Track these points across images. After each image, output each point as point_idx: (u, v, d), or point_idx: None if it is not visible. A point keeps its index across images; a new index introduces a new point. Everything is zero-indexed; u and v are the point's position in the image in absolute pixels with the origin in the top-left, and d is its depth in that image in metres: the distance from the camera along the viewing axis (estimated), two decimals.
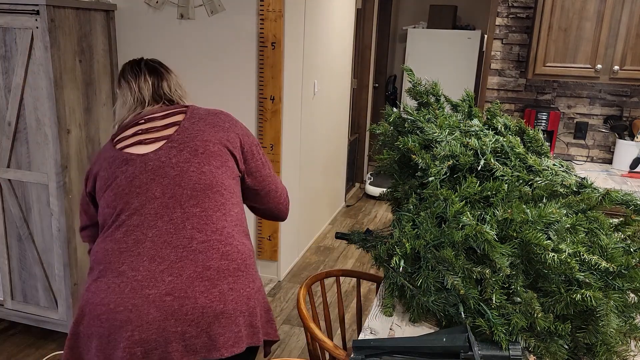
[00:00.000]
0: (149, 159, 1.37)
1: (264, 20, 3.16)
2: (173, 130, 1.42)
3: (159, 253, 1.28)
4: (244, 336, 1.32)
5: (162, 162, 1.37)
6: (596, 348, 1.23)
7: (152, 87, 1.53)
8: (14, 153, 2.57)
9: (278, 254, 3.58)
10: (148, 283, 1.25)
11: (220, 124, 1.48)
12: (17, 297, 2.77)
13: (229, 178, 1.42)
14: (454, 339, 1.19)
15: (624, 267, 1.23)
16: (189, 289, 1.26)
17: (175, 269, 1.27)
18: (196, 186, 1.35)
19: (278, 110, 3.30)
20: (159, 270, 1.27)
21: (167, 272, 1.27)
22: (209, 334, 1.27)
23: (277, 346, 2.88)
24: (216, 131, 1.45)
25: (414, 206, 1.49)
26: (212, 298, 1.27)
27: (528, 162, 1.51)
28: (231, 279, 1.32)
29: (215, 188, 1.37)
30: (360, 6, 5.15)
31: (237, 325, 1.30)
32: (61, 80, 2.45)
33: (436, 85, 1.72)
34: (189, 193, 1.34)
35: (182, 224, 1.31)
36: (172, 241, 1.30)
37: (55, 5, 2.37)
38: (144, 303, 1.24)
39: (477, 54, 5.72)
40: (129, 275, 1.26)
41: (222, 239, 1.34)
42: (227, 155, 1.44)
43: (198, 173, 1.37)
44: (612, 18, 2.88)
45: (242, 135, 1.51)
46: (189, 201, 1.34)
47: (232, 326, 1.29)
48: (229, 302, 1.29)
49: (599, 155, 3.39)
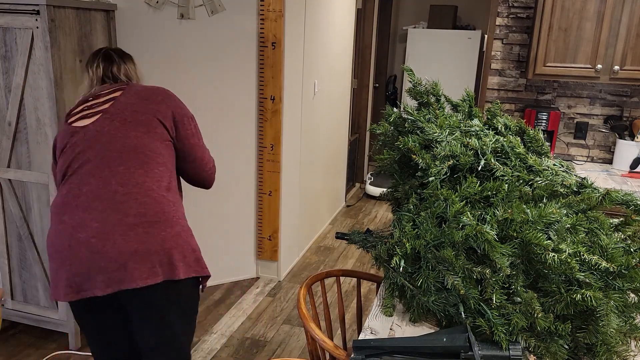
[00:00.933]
0: (87, 130, 1.69)
1: (264, 20, 3.16)
2: (109, 104, 1.73)
3: (90, 205, 1.59)
4: (160, 272, 1.58)
5: (97, 131, 1.68)
6: (596, 348, 1.23)
7: (102, 71, 1.84)
8: (14, 153, 2.57)
9: (278, 254, 3.58)
10: (80, 229, 1.57)
11: (153, 97, 1.76)
12: (17, 297, 2.77)
13: (156, 141, 1.69)
14: (454, 339, 1.19)
15: (624, 267, 1.23)
16: (110, 233, 1.55)
17: (101, 217, 1.57)
18: (122, 149, 1.64)
19: (278, 110, 3.30)
20: (89, 219, 1.57)
21: (95, 220, 1.57)
22: (126, 269, 1.54)
23: (277, 346, 2.89)
24: (147, 104, 1.73)
25: (414, 206, 1.49)
26: (129, 239, 1.55)
27: (528, 162, 1.51)
28: (147, 225, 1.58)
29: (139, 150, 1.65)
30: (360, 6, 5.16)
31: (151, 262, 1.57)
32: (61, 80, 2.45)
33: (436, 85, 1.72)
34: (116, 155, 1.64)
35: (109, 180, 1.61)
36: (101, 194, 1.59)
37: (56, 5, 2.37)
38: (76, 244, 1.56)
39: (477, 54, 5.72)
40: (67, 223, 1.59)
41: (142, 191, 1.62)
42: (156, 123, 1.71)
43: (124, 138, 1.66)
44: (612, 18, 2.88)
45: (174, 107, 1.78)
46: (115, 161, 1.63)
47: (146, 262, 1.56)
48: (143, 243, 1.56)
49: (599, 155, 3.39)
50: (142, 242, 1.56)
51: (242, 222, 3.51)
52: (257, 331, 3.03)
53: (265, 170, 3.43)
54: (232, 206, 3.44)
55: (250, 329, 3.04)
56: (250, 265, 3.64)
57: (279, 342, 2.93)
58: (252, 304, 3.32)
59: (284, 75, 3.25)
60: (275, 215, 3.50)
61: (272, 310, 3.25)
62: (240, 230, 3.53)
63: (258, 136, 3.39)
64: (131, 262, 1.55)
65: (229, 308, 3.26)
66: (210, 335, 2.96)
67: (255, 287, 3.53)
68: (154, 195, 1.63)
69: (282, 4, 3.12)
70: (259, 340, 2.94)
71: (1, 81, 2.49)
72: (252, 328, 3.06)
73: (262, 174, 3.45)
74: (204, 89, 3.17)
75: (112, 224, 1.56)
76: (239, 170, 3.40)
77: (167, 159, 1.73)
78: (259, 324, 3.10)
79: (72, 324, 2.70)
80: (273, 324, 3.10)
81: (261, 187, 3.47)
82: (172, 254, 1.61)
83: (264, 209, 3.50)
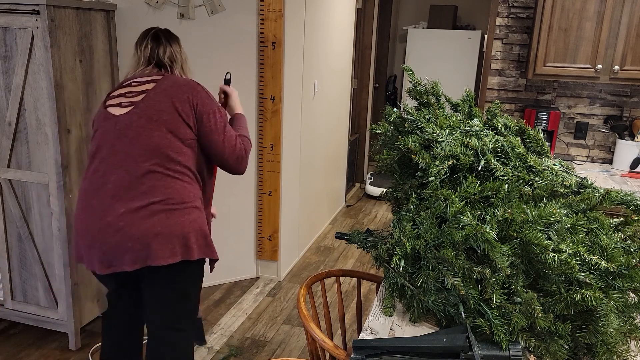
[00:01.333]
0: (119, 120, 1.86)
1: (264, 20, 3.16)
2: (141, 97, 1.88)
3: (117, 192, 1.78)
4: (179, 252, 1.79)
5: (126, 124, 1.84)
6: (596, 348, 1.23)
7: (150, 51, 2.02)
8: (14, 153, 2.57)
9: (278, 254, 3.58)
10: (109, 213, 1.78)
11: (179, 95, 1.89)
12: (17, 296, 2.77)
13: (178, 142, 1.86)
14: (454, 339, 1.19)
15: (624, 267, 1.23)
16: (135, 218, 1.76)
17: (127, 204, 1.77)
18: (147, 146, 1.82)
19: (278, 110, 3.30)
20: (117, 205, 1.77)
21: (122, 206, 1.77)
22: (150, 248, 1.75)
23: (277, 346, 2.89)
24: (173, 103, 1.87)
25: (414, 206, 1.49)
26: (152, 224, 1.76)
27: (528, 162, 1.51)
28: (169, 212, 1.79)
29: (161, 149, 1.82)
30: (360, 6, 5.16)
31: (172, 243, 1.78)
32: (61, 80, 2.45)
33: (436, 85, 1.72)
34: (142, 151, 1.81)
35: (135, 173, 1.80)
36: (127, 185, 1.79)
37: (56, 5, 2.37)
38: (105, 226, 1.77)
39: (477, 54, 5.72)
40: (96, 207, 1.80)
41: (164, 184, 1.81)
42: (180, 124, 1.87)
43: (149, 137, 1.82)
44: (612, 18, 2.88)
45: (198, 104, 1.91)
46: (141, 157, 1.81)
47: (168, 244, 1.77)
48: (165, 227, 1.77)
49: (599, 155, 3.39)
50: (163, 226, 1.77)
51: (242, 222, 3.51)
52: (257, 331, 3.03)
53: (265, 170, 3.43)
54: (232, 206, 3.44)
55: (250, 329, 3.04)
56: (250, 265, 3.64)
57: (279, 342, 2.93)
58: (252, 303, 3.32)
59: (284, 75, 3.25)
60: (275, 215, 3.50)
61: (272, 310, 3.25)
62: (240, 230, 3.53)
63: (258, 136, 3.39)
64: (154, 243, 1.76)
65: (229, 308, 3.26)
66: (210, 335, 2.96)
67: (255, 287, 3.53)
68: (176, 187, 1.83)
69: (282, 4, 3.12)
70: (259, 340, 2.94)
71: (1, 81, 2.49)
72: (252, 328, 3.06)
73: (262, 174, 3.45)
74: None
75: (137, 210, 1.77)
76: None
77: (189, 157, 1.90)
78: (259, 324, 3.10)
79: (72, 324, 2.70)
80: (273, 324, 3.11)
81: (261, 187, 3.47)
82: (189, 238, 1.82)
83: (264, 209, 3.50)
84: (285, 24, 3.19)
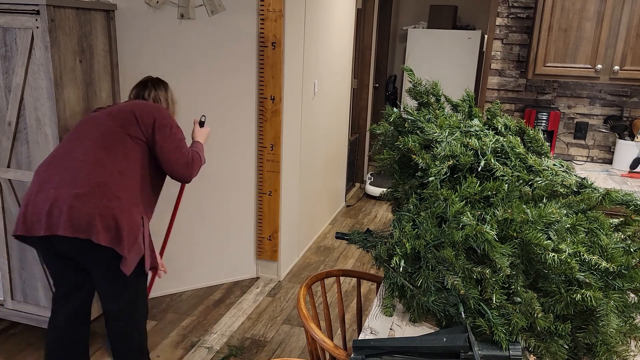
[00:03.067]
0: (89, 117, 2.25)
1: (264, 20, 3.16)
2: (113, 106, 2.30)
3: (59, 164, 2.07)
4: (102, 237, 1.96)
5: (89, 118, 2.24)
6: (596, 348, 1.23)
7: (135, 94, 2.45)
8: (14, 153, 2.57)
9: (278, 254, 3.58)
10: (50, 182, 2.03)
11: (144, 108, 2.24)
12: (17, 296, 2.77)
13: (125, 134, 2.16)
14: (454, 339, 1.19)
15: (624, 267, 1.23)
16: (66, 188, 1.99)
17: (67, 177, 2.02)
18: (95, 132, 2.14)
19: (278, 110, 3.30)
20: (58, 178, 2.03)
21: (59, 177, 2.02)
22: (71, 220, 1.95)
23: (277, 346, 2.89)
24: (133, 110, 2.21)
25: (414, 206, 1.49)
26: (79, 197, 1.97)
27: (528, 162, 1.51)
28: (100, 193, 2.00)
29: (111, 137, 2.13)
30: (360, 6, 5.16)
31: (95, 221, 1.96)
32: (61, 80, 2.45)
33: (436, 85, 1.72)
34: (89, 135, 2.14)
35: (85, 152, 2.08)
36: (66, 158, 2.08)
37: (56, 5, 2.37)
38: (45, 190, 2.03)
39: (477, 54, 5.72)
40: (42, 175, 2.07)
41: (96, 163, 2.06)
42: (132, 123, 2.18)
43: (103, 126, 2.16)
44: (612, 18, 2.88)
45: (157, 119, 2.21)
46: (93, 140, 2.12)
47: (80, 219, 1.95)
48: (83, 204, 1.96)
49: (599, 155, 3.39)
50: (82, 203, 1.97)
51: (242, 222, 3.51)
52: (257, 331, 3.03)
53: (265, 170, 3.43)
54: (232, 206, 3.44)
55: (250, 329, 3.04)
56: (250, 265, 3.64)
57: (279, 342, 2.93)
58: (252, 304, 3.32)
59: (283, 75, 3.25)
60: (275, 215, 3.50)
61: (272, 310, 3.25)
62: (240, 230, 3.53)
63: (258, 136, 3.39)
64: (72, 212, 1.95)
65: (229, 308, 3.26)
66: (210, 335, 2.96)
67: (255, 287, 3.54)
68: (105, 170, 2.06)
69: (282, 4, 3.12)
70: (259, 340, 2.94)
71: (1, 81, 2.49)
72: (252, 328, 3.06)
73: (262, 174, 3.45)
74: (203, 89, 3.17)
75: (71, 182, 2.00)
76: (238, 170, 3.40)
77: (131, 152, 2.15)
78: (259, 324, 3.10)
79: None
80: (273, 324, 3.11)
81: (261, 187, 3.47)
82: (113, 225, 1.99)
83: (264, 209, 3.50)
84: (285, 24, 3.19)
